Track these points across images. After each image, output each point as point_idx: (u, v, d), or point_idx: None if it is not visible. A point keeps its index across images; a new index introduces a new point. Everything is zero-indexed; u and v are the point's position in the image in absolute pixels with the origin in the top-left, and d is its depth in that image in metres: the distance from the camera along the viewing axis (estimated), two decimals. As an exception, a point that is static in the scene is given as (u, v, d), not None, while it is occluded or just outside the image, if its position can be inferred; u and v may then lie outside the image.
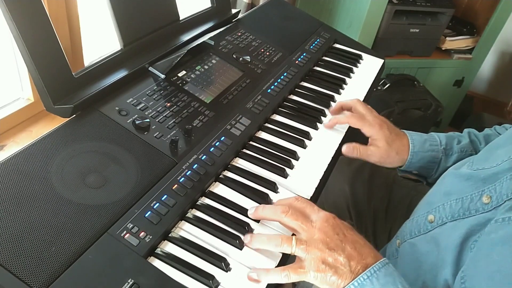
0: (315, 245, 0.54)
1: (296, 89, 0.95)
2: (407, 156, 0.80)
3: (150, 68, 0.79)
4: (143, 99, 0.72)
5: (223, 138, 0.72)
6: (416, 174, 0.85)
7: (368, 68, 1.09)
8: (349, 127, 0.86)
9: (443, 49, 1.81)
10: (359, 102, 0.84)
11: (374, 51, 1.16)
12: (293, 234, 0.59)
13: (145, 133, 0.67)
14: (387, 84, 1.67)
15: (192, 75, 0.82)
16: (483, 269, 0.50)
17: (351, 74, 1.05)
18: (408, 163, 0.80)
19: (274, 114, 0.86)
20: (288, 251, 0.55)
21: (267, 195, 0.66)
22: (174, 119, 0.71)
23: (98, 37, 1.14)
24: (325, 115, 0.88)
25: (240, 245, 0.58)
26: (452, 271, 0.55)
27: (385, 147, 0.79)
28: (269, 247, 0.57)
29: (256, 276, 0.54)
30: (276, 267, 0.57)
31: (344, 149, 0.80)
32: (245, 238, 0.58)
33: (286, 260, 0.59)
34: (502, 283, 0.47)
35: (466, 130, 0.86)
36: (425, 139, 0.82)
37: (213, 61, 0.89)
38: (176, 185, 0.62)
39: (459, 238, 0.56)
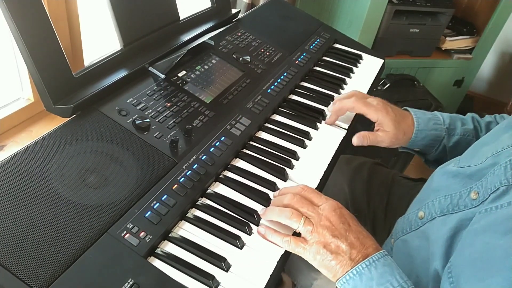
0: (320, 230, 0.56)
1: (296, 89, 0.95)
2: (412, 135, 0.81)
3: (150, 68, 0.79)
4: (143, 99, 0.72)
5: (223, 138, 0.72)
6: (416, 151, 0.86)
7: (368, 68, 1.09)
8: (349, 126, 0.86)
9: (443, 49, 1.81)
10: (357, 91, 0.85)
11: (374, 51, 1.16)
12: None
13: (145, 133, 0.67)
14: (387, 84, 1.67)
15: (192, 75, 0.82)
16: (466, 258, 0.51)
17: (351, 74, 1.05)
18: (412, 141, 0.81)
19: (274, 114, 0.86)
20: (295, 226, 0.58)
21: (267, 195, 0.66)
22: (174, 119, 0.71)
23: (98, 37, 1.14)
24: (325, 115, 0.88)
25: (240, 245, 0.58)
26: (442, 263, 0.57)
27: (393, 130, 0.79)
28: (280, 219, 0.59)
29: (263, 232, 0.59)
30: (276, 266, 0.57)
31: (355, 140, 0.80)
32: (260, 212, 0.63)
33: (286, 259, 0.59)
34: (483, 269, 0.48)
35: (469, 114, 0.86)
36: (429, 117, 0.82)
37: (213, 61, 0.89)
38: (176, 185, 0.62)
39: (448, 232, 0.57)
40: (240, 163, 0.72)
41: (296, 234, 0.60)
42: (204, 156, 0.68)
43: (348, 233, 0.56)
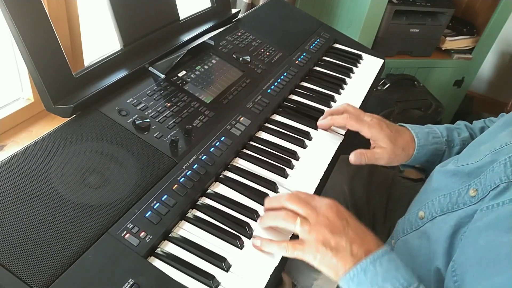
0: (318, 228, 0.55)
1: (296, 89, 0.95)
2: (412, 151, 0.78)
3: (150, 68, 0.79)
4: (143, 99, 0.72)
5: (223, 138, 0.72)
6: (418, 168, 0.85)
7: (368, 68, 1.09)
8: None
9: (443, 49, 1.81)
10: (350, 105, 0.82)
11: (374, 51, 1.16)
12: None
13: (145, 133, 0.67)
14: (387, 84, 1.67)
15: (192, 75, 0.82)
16: (471, 256, 0.51)
17: (351, 74, 1.05)
18: (414, 157, 0.78)
19: (274, 114, 0.86)
20: (291, 228, 0.57)
21: (267, 195, 0.66)
22: (174, 119, 0.71)
23: (98, 37, 1.14)
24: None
25: (240, 245, 0.58)
26: (444, 262, 0.57)
27: (390, 146, 0.76)
28: (275, 222, 0.59)
29: (259, 244, 0.58)
30: (276, 266, 0.57)
31: (352, 158, 0.76)
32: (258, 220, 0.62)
33: (287, 259, 0.59)
34: (489, 266, 0.48)
35: (461, 122, 0.85)
36: (427, 131, 0.80)
37: (213, 61, 0.89)
38: (176, 185, 0.62)
39: (449, 230, 0.58)
40: (240, 163, 0.72)
41: (295, 237, 0.59)
42: (204, 156, 0.68)
43: (347, 229, 0.55)
